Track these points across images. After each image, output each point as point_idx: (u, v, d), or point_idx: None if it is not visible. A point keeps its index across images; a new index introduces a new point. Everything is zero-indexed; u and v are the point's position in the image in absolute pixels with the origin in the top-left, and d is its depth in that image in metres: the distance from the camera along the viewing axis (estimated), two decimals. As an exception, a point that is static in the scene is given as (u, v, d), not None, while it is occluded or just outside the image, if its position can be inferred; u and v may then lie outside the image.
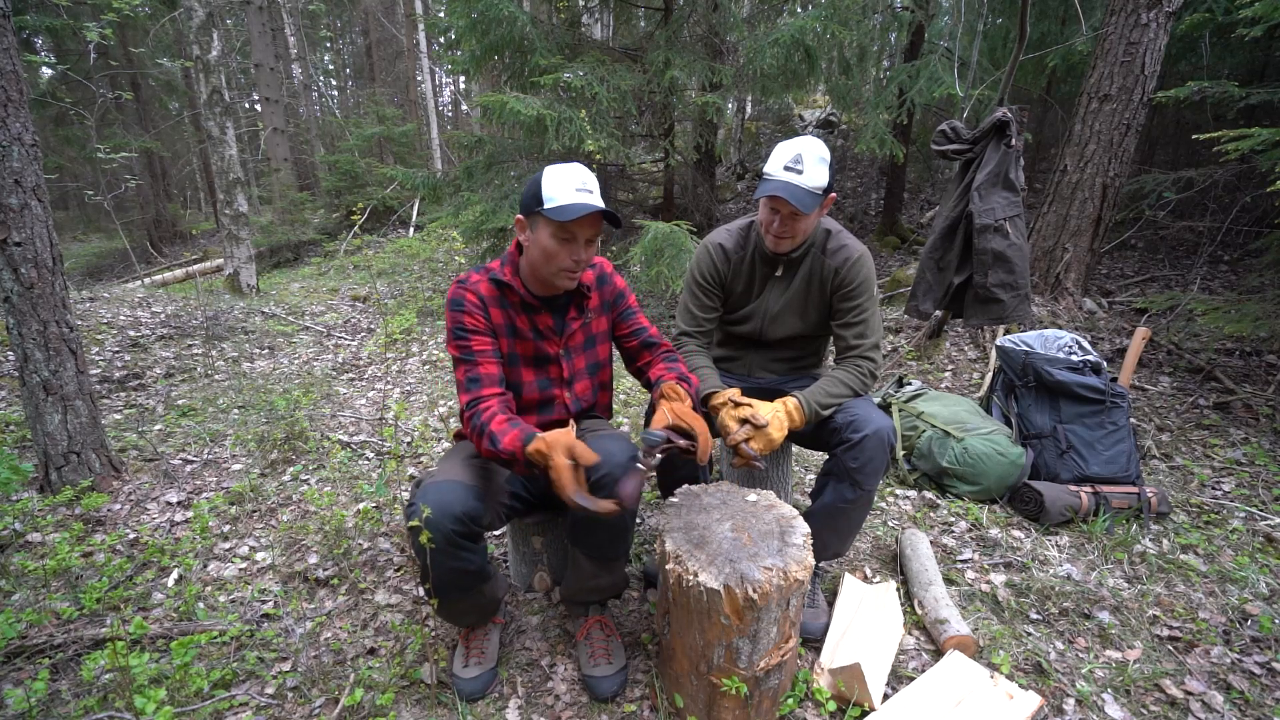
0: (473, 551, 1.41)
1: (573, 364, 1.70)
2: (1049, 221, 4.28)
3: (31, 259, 2.27)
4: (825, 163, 1.63)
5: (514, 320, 1.60)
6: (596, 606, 1.74)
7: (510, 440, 1.38)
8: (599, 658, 1.61)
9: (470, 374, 1.52)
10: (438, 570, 1.38)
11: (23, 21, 8.00)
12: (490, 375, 1.53)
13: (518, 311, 1.60)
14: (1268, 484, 2.57)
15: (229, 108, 6.22)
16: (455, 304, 1.54)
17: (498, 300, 1.57)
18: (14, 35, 2.22)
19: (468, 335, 1.53)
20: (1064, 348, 2.60)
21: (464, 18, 4.74)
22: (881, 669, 1.56)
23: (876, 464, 1.62)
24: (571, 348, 1.68)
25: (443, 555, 1.36)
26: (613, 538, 1.53)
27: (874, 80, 6.16)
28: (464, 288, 1.55)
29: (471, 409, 1.48)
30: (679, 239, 4.18)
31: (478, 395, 1.50)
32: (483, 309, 1.55)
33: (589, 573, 1.60)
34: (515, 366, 1.64)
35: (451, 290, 1.56)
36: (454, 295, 1.55)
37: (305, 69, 14.89)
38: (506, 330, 1.59)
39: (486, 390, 1.51)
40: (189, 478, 2.70)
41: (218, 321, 4.93)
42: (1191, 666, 1.66)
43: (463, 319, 1.53)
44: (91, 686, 1.57)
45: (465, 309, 1.53)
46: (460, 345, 1.53)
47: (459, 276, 1.58)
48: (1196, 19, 4.45)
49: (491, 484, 1.53)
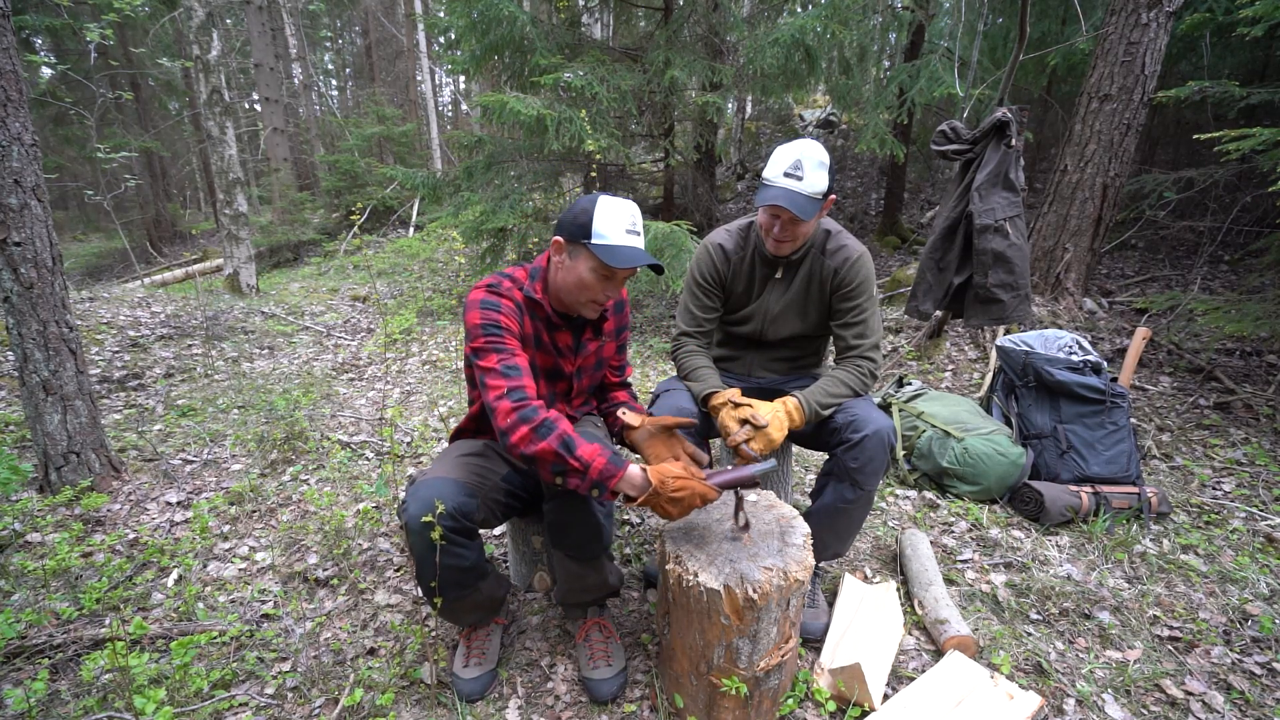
0: (466, 548, 1.40)
1: (580, 383, 1.70)
2: (1049, 221, 4.28)
3: (31, 259, 2.27)
4: (825, 167, 1.63)
5: (538, 333, 1.58)
6: (595, 608, 1.74)
7: (593, 453, 1.31)
8: (598, 659, 1.61)
9: (506, 362, 1.41)
10: (431, 567, 1.38)
11: (23, 21, 8.00)
12: (527, 369, 1.45)
13: (543, 325, 1.59)
14: (1268, 484, 2.57)
15: (229, 108, 6.22)
16: (489, 304, 1.46)
17: (526, 311, 1.55)
18: (14, 35, 2.22)
19: (502, 332, 1.45)
20: (1064, 348, 2.60)
21: (464, 17, 4.74)
22: (881, 669, 1.56)
23: (876, 464, 1.62)
24: (584, 368, 1.69)
25: (433, 552, 1.36)
26: (588, 536, 1.50)
27: (874, 80, 6.15)
28: (497, 293, 1.49)
29: (518, 401, 1.35)
30: (679, 239, 4.18)
31: (519, 384, 1.38)
32: (518, 315, 1.52)
33: (575, 573, 1.59)
34: (535, 379, 1.61)
35: (480, 294, 1.49)
36: (486, 297, 1.48)
37: (305, 69, 14.88)
38: (534, 341, 1.58)
39: (527, 381, 1.41)
40: (189, 478, 2.70)
41: (217, 321, 4.92)
42: (1192, 667, 1.66)
43: (498, 317, 1.45)
44: (91, 687, 1.57)
45: (502, 310, 1.47)
46: (492, 339, 1.43)
47: (486, 280, 1.52)
48: (1197, 19, 4.45)
49: (486, 481, 1.52)
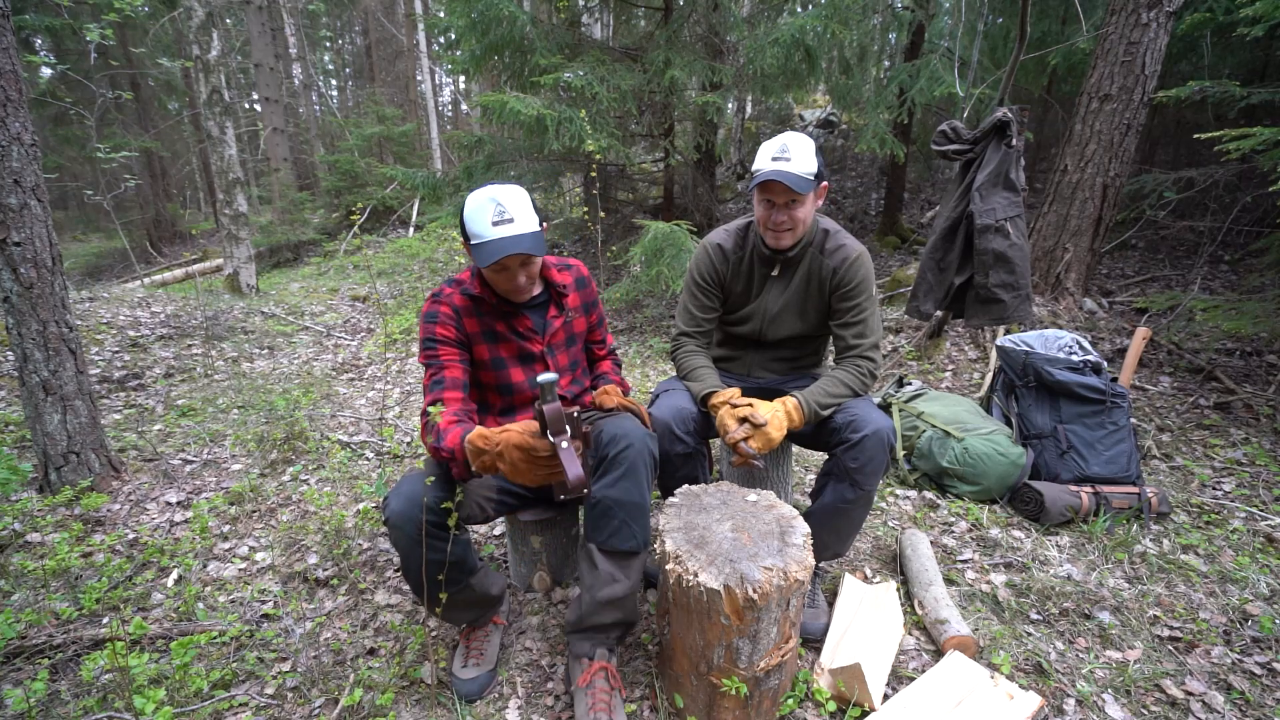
0: (445, 541, 1.40)
1: (557, 360, 1.71)
2: (1049, 221, 4.27)
3: (31, 259, 2.27)
4: (812, 150, 1.64)
5: (492, 326, 1.61)
6: (604, 651, 1.54)
7: (453, 438, 1.37)
8: (599, 711, 1.42)
9: (435, 378, 1.53)
10: (415, 562, 1.38)
11: (23, 21, 8.00)
12: (454, 380, 1.55)
13: (495, 317, 1.61)
14: (1268, 484, 2.57)
15: (229, 107, 6.22)
16: (429, 317, 1.57)
17: (471, 310, 1.59)
18: (14, 35, 2.22)
19: (436, 345, 1.55)
20: (1064, 348, 2.60)
21: (464, 17, 4.73)
22: (882, 669, 1.55)
23: (876, 464, 1.61)
24: (555, 345, 1.71)
25: (416, 546, 1.36)
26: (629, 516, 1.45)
27: (874, 80, 6.15)
28: (437, 301, 1.57)
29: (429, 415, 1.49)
30: (679, 239, 4.17)
31: (438, 398, 1.51)
32: (456, 320, 1.57)
33: (605, 577, 1.47)
34: (504, 369, 1.65)
35: (426, 305, 1.59)
36: (428, 309, 1.57)
37: (305, 69, 14.88)
38: (484, 336, 1.61)
39: (448, 394, 1.52)
40: (188, 478, 2.70)
41: (217, 321, 4.92)
42: (1192, 667, 1.65)
43: (435, 329, 1.56)
44: (91, 687, 1.57)
45: (438, 320, 1.56)
46: (429, 354, 1.56)
47: (432, 291, 1.60)
48: (1197, 18, 4.44)
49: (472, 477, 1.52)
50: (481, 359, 1.64)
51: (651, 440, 1.51)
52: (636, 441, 1.46)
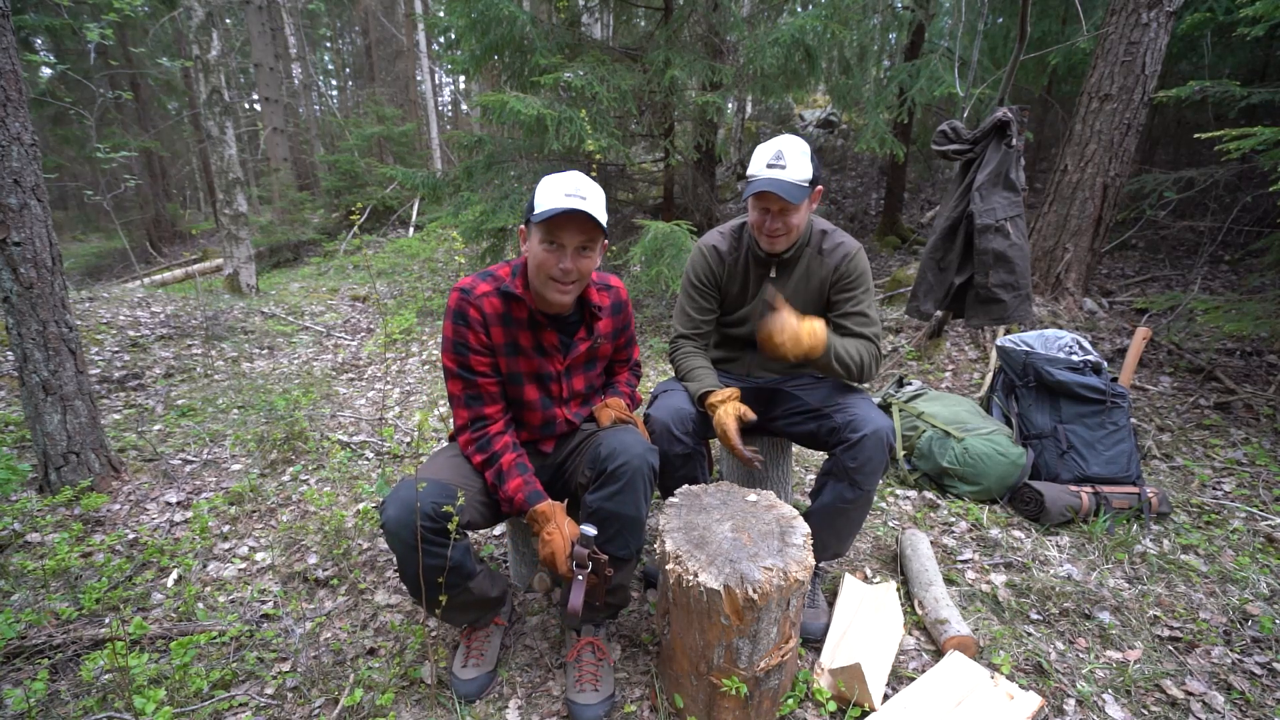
0: (444, 547, 1.39)
1: (571, 384, 1.68)
2: (1049, 221, 4.27)
3: (31, 259, 2.27)
4: (807, 155, 1.63)
5: (516, 338, 1.56)
6: (590, 626, 1.66)
7: (515, 488, 1.50)
8: (585, 683, 1.53)
9: (470, 390, 1.54)
10: (412, 567, 1.38)
11: (22, 21, 7.99)
12: (491, 394, 1.55)
13: (522, 328, 1.55)
14: (1268, 484, 2.57)
15: (229, 107, 6.21)
16: (459, 316, 1.50)
17: (501, 318, 1.53)
18: (14, 35, 2.22)
19: (468, 353, 1.51)
20: (1064, 348, 2.60)
21: (464, 17, 4.73)
22: (882, 669, 1.55)
23: (875, 464, 1.61)
24: (574, 366, 1.67)
25: (413, 552, 1.36)
26: (624, 528, 1.49)
27: (874, 80, 6.14)
28: (468, 301, 1.50)
29: (478, 429, 1.55)
30: (679, 239, 4.17)
31: (480, 413, 1.55)
32: (484, 327, 1.51)
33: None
34: (519, 385, 1.61)
35: (455, 298, 1.51)
36: (457, 306, 1.50)
37: (305, 69, 14.88)
38: (506, 349, 1.56)
39: (490, 409, 1.55)
40: (188, 478, 2.70)
41: (217, 321, 4.92)
42: (1192, 667, 1.65)
43: (466, 335, 1.50)
44: (91, 687, 1.57)
45: (469, 325, 1.50)
46: (458, 360, 1.52)
47: (462, 282, 1.52)
48: (1197, 18, 4.44)
49: (472, 483, 1.52)
50: (498, 371, 1.60)
51: (651, 454, 1.50)
52: (635, 457, 1.45)
